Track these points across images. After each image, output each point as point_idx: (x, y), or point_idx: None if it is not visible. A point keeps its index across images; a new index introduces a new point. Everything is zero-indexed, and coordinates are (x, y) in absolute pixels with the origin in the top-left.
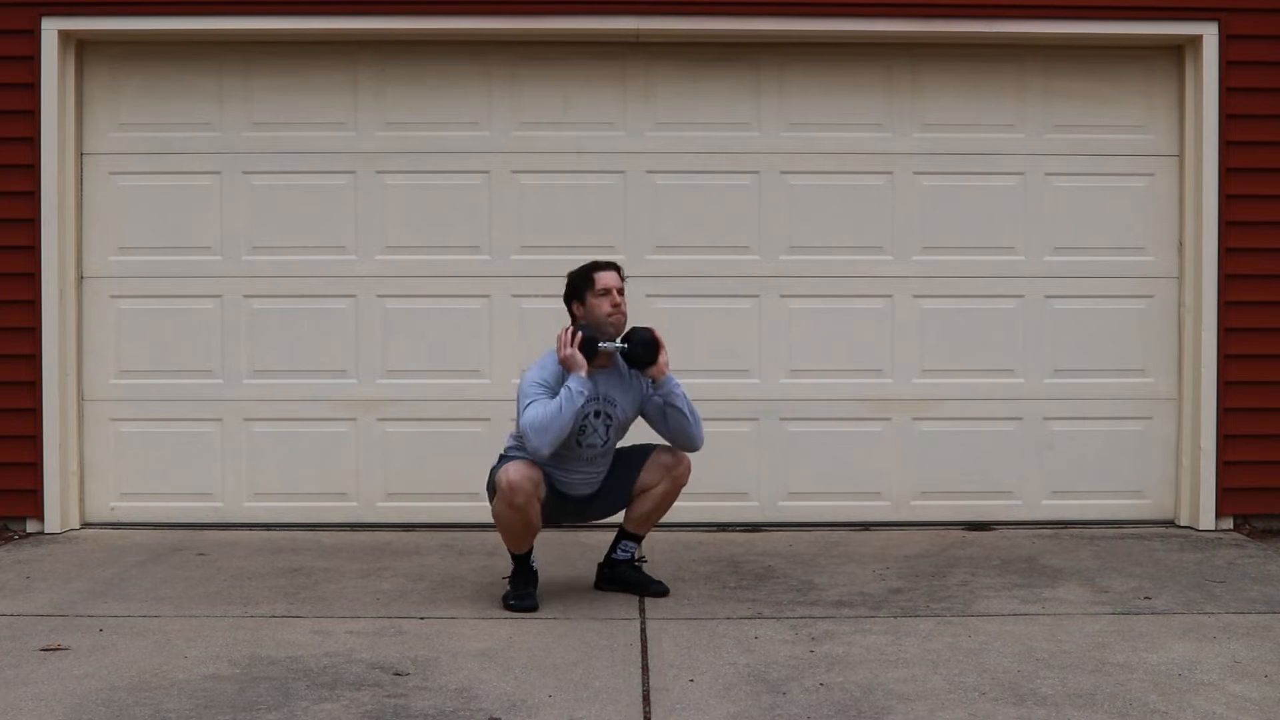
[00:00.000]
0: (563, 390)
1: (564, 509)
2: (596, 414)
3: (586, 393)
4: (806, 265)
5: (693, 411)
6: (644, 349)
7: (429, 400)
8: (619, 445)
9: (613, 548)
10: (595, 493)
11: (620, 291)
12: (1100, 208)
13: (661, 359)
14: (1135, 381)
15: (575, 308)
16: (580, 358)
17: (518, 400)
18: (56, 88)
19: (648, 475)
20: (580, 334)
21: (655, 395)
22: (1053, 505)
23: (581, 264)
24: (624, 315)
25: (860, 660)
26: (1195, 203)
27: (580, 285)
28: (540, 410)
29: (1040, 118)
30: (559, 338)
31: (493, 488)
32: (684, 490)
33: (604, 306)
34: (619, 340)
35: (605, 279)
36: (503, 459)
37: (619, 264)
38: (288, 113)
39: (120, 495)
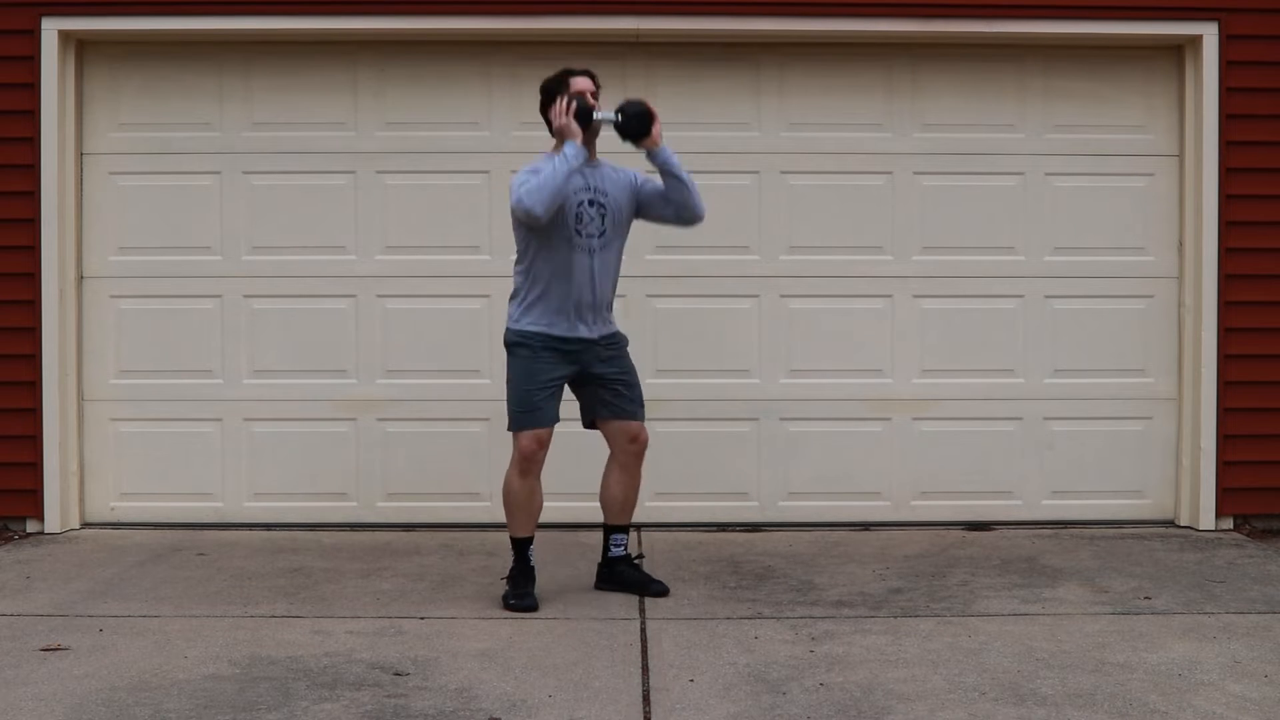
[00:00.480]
0: (556, 157)
1: (569, 355)
2: (590, 203)
3: (581, 158)
4: (806, 265)
5: (691, 180)
6: (638, 121)
7: (429, 400)
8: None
9: (605, 547)
10: (598, 357)
11: (594, 95)
12: (1100, 208)
13: (655, 130)
14: (1135, 381)
15: (550, 113)
16: (575, 126)
17: (510, 196)
18: (56, 88)
19: (611, 436)
20: (575, 104)
21: (649, 178)
22: (1053, 505)
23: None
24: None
25: (860, 660)
26: (1195, 203)
27: (555, 90)
28: (534, 179)
29: (1040, 118)
30: (553, 108)
31: (510, 411)
32: (684, 490)
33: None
34: (613, 112)
35: (579, 83)
36: (513, 341)
37: (593, 71)
38: (288, 113)
39: (120, 495)
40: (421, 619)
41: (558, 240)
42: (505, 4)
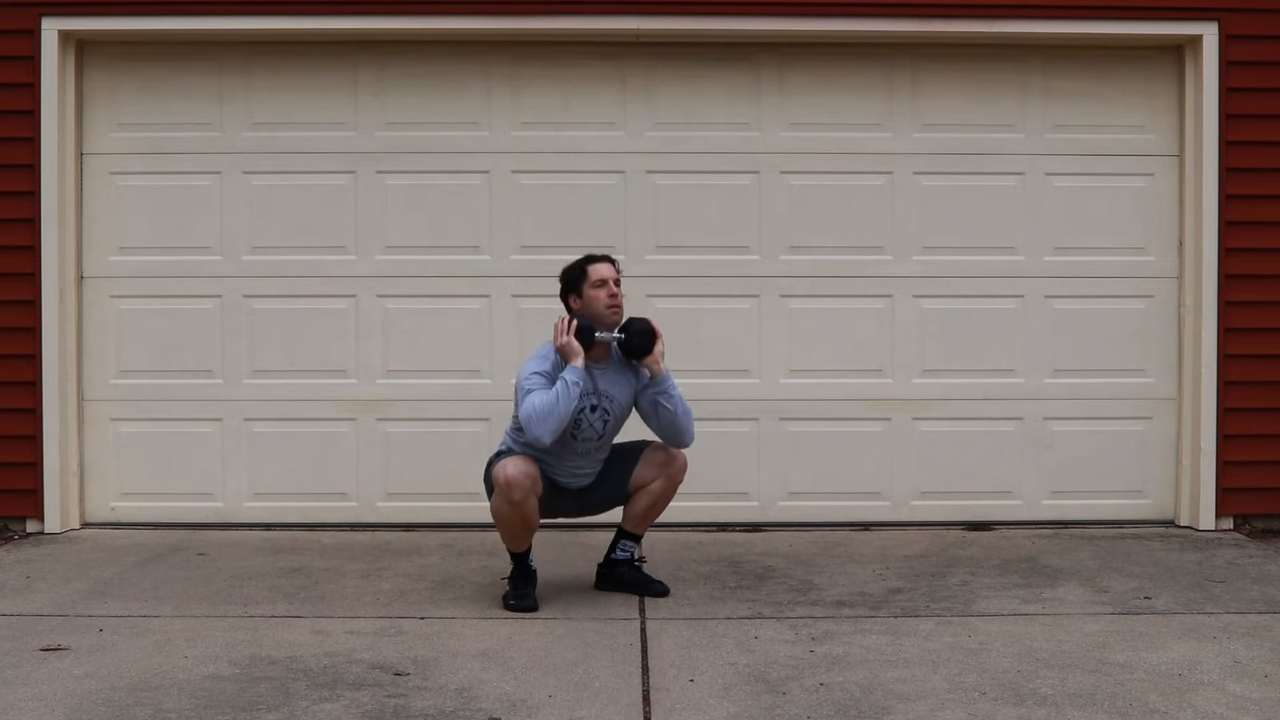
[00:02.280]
0: (559, 383)
1: (561, 501)
2: (593, 409)
3: (582, 384)
4: (806, 265)
5: (686, 410)
6: (640, 339)
7: (429, 400)
8: (616, 441)
9: (612, 547)
10: (591, 485)
11: (617, 283)
12: (1100, 208)
13: (657, 349)
14: (1135, 381)
15: (572, 301)
16: (577, 345)
17: (515, 393)
18: (56, 88)
19: (643, 470)
20: (576, 323)
21: (650, 390)
22: (1053, 505)
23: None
24: (621, 307)
25: (860, 660)
26: (1195, 203)
27: (576, 279)
28: (539, 400)
29: (1040, 118)
30: (555, 326)
31: (490, 484)
32: (684, 490)
33: (602, 298)
34: (616, 331)
35: (600, 270)
36: (499, 455)
37: (613, 257)
38: (288, 113)
39: (120, 495)
40: (421, 619)
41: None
42: (505, 4)
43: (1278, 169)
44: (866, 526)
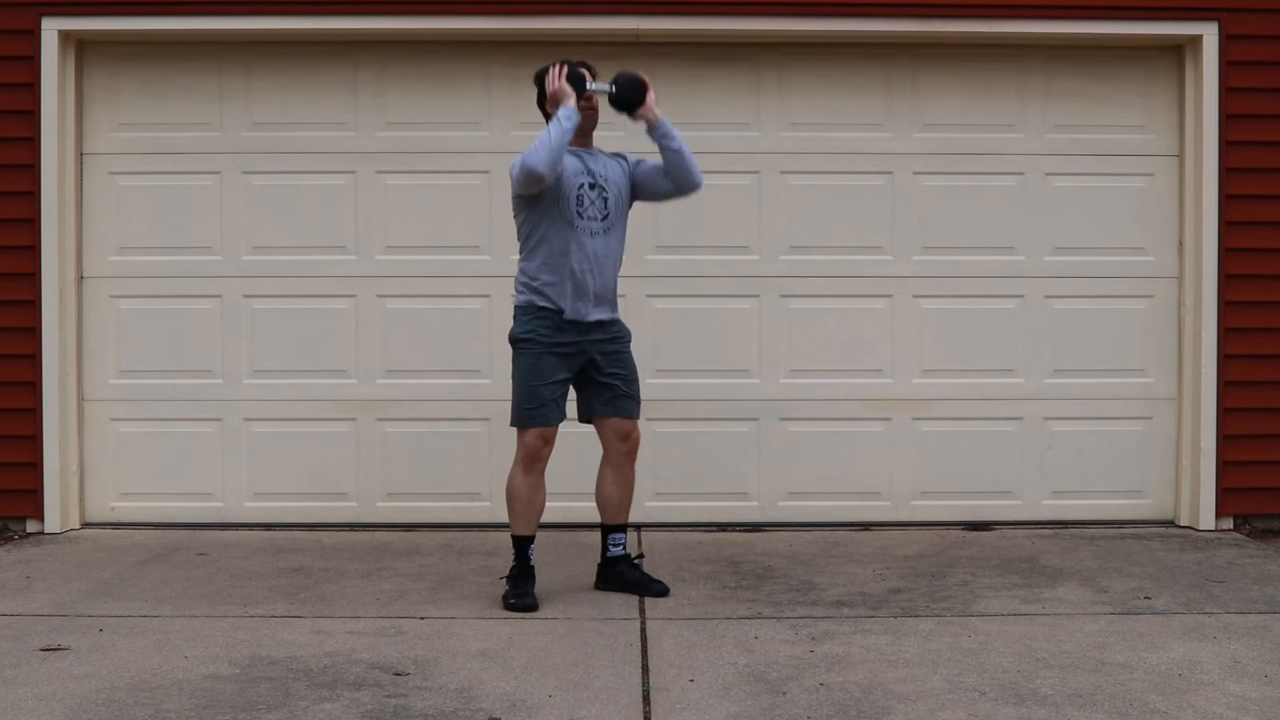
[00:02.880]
0: (551, 121)
1: (573, 346)
2: (591, 186)
3: (575, 120)
4: (806, 265)
5: (690, 151)
6: (631, 89)
7: (429, 400)
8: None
9: (605, 547)
10: (602, 331)
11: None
12: (1100, 208)
13: (649, 98)
14: (1135, 381)
15: (549, 107)
16: (568, 88)
17: (510, 176)
18: (56, 88)
19: (606, 432)
20: (567, 67)
21: (652, 139)
22: (1053, 505)
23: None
24: (596, 111)
25: (860, 660)
26: (1195, 203)
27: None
28: (532, 144)
29: (1040, 118)
30: (548, 76)
31: (516, 407)
32: (684, 489)
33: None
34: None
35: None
36: (520, 339)
37: (588, 62)
38: (288, 113)
39: (120, 495)
40: (421, 619)
41: (559, 224)
42: (505, 4)
43: (1278, 169)
44: (866, 526)
